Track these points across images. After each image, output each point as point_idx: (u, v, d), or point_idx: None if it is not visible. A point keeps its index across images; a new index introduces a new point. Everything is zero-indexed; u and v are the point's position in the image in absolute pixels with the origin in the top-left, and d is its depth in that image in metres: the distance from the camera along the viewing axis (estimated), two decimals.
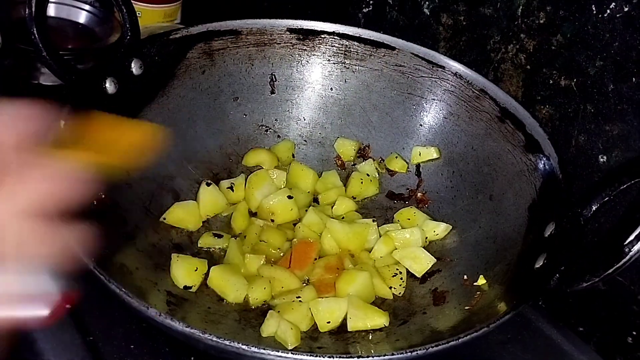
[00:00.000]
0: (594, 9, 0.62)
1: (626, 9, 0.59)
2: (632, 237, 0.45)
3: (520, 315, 0.67)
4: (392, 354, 0.43)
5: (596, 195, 0.53)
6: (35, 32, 0.60)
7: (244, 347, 0.42)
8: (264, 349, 0.42)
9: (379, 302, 0.62)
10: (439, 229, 0.68)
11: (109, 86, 0.63)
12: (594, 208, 0.53)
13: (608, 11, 0.61)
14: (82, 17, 0.92)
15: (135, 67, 0.66)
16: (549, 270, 0.51)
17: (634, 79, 0.60)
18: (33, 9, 0.59)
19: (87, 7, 0.93)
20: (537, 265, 0.53)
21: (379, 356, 0.43)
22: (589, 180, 0.66)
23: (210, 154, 0.73)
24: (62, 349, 0.56)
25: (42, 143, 0.37)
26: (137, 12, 0.75)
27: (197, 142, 0.72)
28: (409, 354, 0.44)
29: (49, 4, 0.89)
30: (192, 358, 0.57)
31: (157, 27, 0.96)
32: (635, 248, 0.44)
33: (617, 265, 0.45)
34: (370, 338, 0.57)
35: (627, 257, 0.45)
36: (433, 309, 0.60)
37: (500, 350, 0.63)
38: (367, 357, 0.43)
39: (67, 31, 0.89)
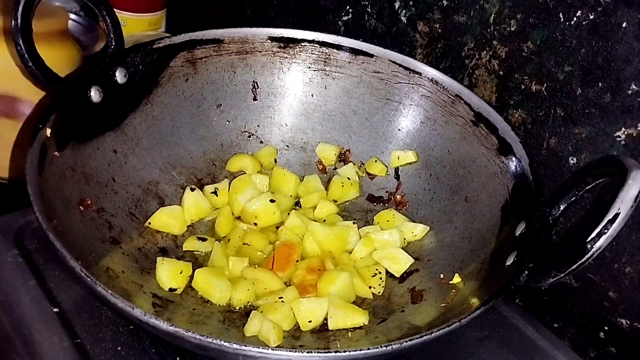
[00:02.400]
0: (561, 16, 0.65)
1: (592, 17, 0.62)
2: (594, 234, 0.47)
3: (497, 312, 0.69)
4: (368, 349, 0.45)
5: (563, 196, 0.56)
6: (21, 42, 0.61)
7: (226, 344, 0.44)
8: (246, 346, 0.44)
9: (359, 302, 0.64)
10: (416, 230, 0.70)
11: (94, 95, 0.65)
12: (562, 208, 0.56)
13: (575, 19, 0.64)
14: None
15: (119, 76, 0.67)
16: (519, 267, 0.53)
17: (600, 83, 0.63)
18: (19, 20, 0.61)
19: (72, 16, 0.94)
20: (508, 263, 0.55)
21: (355, 351, 0.45)
22: (561, 181, 0.68)
23: (194, 160, 0.74)
24: (50, 352, 0.58)
25: None
26: (122, 22, 0.77)
27: (181, 148, 0.73)
28: (385, 348, 0.46)
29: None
30: (178, 358, 0.59)
31: (142, 35, 0.98)
32: (597, 244, 0.47)
33: (581, 261, 0.47)
34: (350, 336, 0.59)
35: (590, 253, 0.47)
36: (411, 307, 0.62)
37: (477, 346, 0.65)
38: (344, 351, 0.44)
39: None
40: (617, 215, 0.47)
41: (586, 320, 0.70)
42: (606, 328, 0.68)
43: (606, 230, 0.47)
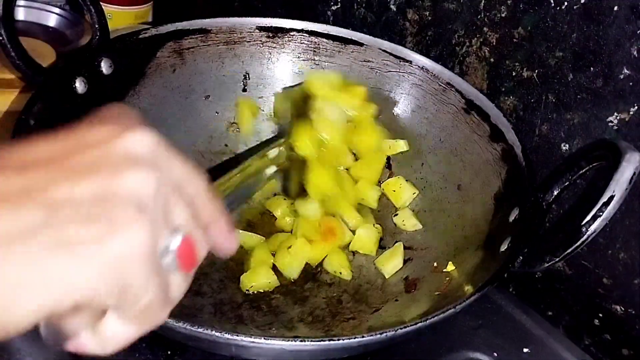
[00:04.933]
0: (552, 1, 0.64)
1: (582, 1, 0.61)
2: (588, 218, 0.46)
3: (491, 301, 0.69)
4: (363, 336, 0.44)
5: (557, 181, 0.55)
6: (3, 33, 0.60)
7: (217, 334, 0.43)
8: (238, 336, 0.43)
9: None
10: (409, 222, 0.69)
11: (79, 86, 0.64)
12: (555, 193, 0.56)
13: (565, 3, 0.63)
14: (51, 20, 0.92)
15: (105, 67, 0.66)
16: (513, 253, 0.52)
17: (591, 68, 0.62)
18: (0, 11, 0.59)
19: (56, 10, 0.92)
20: (502, 249, 0.55)
21: (349, 339, 0.44)
22: (553, 167, 0.68)
23: (182, 152, 0.73)
24: (38, 349, 0.56)
25: None
26: (108, 15, 0.75)
27: (169, 140, 0.71)
28: (379, 335, 0.45)
29: (18, 8, 0.90)
30: (169, 352, 0.58)
31: (128, 28, 0.96)
32: (592, 228, 0.46)
33: (576, 245, 0.47)
34: (343, 326, 0.58)
35: (585, 236, 0.46)
36: (405, 296, 0.62)
37: (472, 335, 0.65)
38: (338, 339, 0.44)
39: (37, 35, 0.88)
40: (611, 197, 0.46)
41: (580, 307, 0.69)
42: (600, 315, 0.68)
43: (601, 213, 0.46)
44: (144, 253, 0.28)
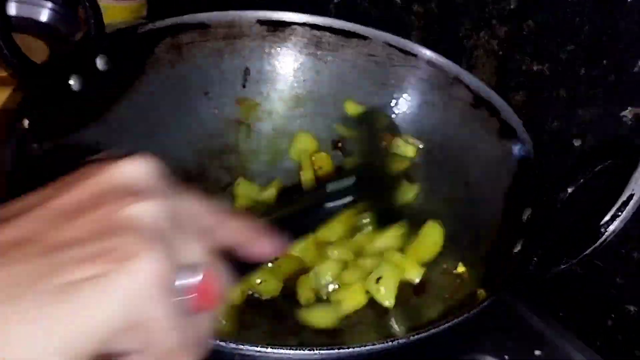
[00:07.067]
0: None
1: None
2: (607, 217, 0.45)
3: (501, 302, 0.67)
4: (374, 344, 0.43)
5: (571, 179, 0.54)
6: None
7: (222, 344, 0.41)
8: (243, 345, 0.41)
9: None
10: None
11: (74, 83, 0.62)
12: (569, 191, 0.54)
13: None
14: (44, 16, 0.90)
15: (100, 63, 0.64)
16: (527, 254, 0.51)
17: (604, 62, 0.60)
18: None
19: (49, 5, 0.90)
20: (515, 250, 0.53)
21: (360, 347, 0.42)
22: (564, 164, 0.66)
23: (181, 151, 0.71)
24: None
25: None
26: (102, 9, 0.74)
27: (167, 138, 0.70)
28: (391, 343, 0.43)
29: (11, 3, 0.88)
30: None
31: (124, 23, 0.94)
32: (611, 228, 0.45)
33: (595, 246, 0.46)
34: (352, 331, 0.57)
35: (604, 237, 0.45)
36: (414, 299, 0.60)
37: (482, 338, 0.63)
38: (348, 348, 0.42)
39: (29, 30, 0.86)
40: (631, 196, 0.45)
41: (592, 308, 0.68)
42: (613, 315, 0.66)
43: (620, 213, 0.45)
44: (156, 286, 0.26)
